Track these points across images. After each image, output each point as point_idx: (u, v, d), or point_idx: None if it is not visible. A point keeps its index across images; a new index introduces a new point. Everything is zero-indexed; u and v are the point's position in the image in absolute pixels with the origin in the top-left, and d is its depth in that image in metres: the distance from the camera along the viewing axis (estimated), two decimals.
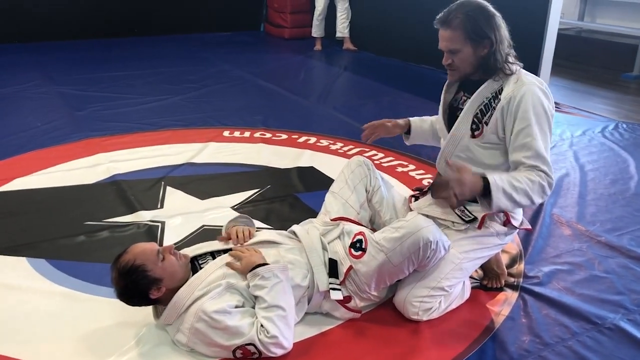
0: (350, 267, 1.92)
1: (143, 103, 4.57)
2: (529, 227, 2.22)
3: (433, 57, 2.12)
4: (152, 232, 2.57)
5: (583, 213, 2.86)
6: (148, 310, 1.92)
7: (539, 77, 4.97)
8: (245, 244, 1.98)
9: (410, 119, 2.34)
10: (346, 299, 1.94)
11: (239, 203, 2.88)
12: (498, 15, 1.94)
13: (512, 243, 2.51)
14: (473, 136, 2.00)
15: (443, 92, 2.15)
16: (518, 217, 2.08)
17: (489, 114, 1.95)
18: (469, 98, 2.01)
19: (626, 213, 2.86)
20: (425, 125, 2.33)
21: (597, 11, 6.65)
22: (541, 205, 2.90)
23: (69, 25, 7.03)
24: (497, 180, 1.81)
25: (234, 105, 4.60)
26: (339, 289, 1.92)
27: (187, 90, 4.96)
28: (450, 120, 2.08)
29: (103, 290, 2.13)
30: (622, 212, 2.87)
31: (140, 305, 1.87)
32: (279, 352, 1.76)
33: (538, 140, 1.87)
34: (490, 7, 1.94)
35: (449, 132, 2.06)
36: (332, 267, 1.94)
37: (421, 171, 3.30)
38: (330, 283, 1.91)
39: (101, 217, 2.71)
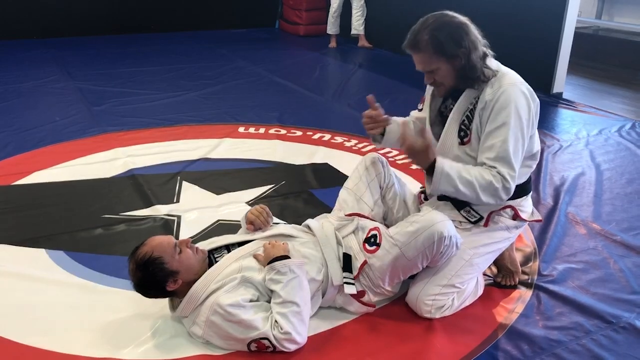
0: (365, 262, 1.93)
1: (160, 99, 4.61)
2: (540, 218, 2.19)
3: None
4: (168, 226, 2.60)
5: (599, 212, 2.84)
6: (164, 302, 1.95)
7: (556, 75, 4.88)
8: (260, 236, 2.00)
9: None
10: (360, 294, 1.96)
11: (254, 198, 2.91)
12: (464, 23, 1.87)
13: (527, 241, 2.51)
14: (462, 143, 1.96)
15: (428, 101, 2.11)
16: (527, 210, 2.08)
17: (473, 120, 1.92)
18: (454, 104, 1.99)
19: None
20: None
21: (615, 10, 6.58)
22: (556, 203, 2.89)
23: (87, 22, 7.11)
24: (446, 166, 1.85)
25: (249, 101, 4.63)
26: (353, 283, 1.93)
27: (203, 87, 4.99)
28: (441, 127, 2.04)
29: (120, 282, 2.16)
30: (639, 212, 2.85)
31: (156, 297, 1.90)
32: (293, 347, 1.78)
33: (505, 142, 1.82)
34: (456, 16, 1.88)
35: (438, 140, 2.03)
36: (346, 262, 1.95)
37: None
38: (344, 277, 1.93)
39: (118, 211, 2.75)
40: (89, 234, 2.54)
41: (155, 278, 1.81)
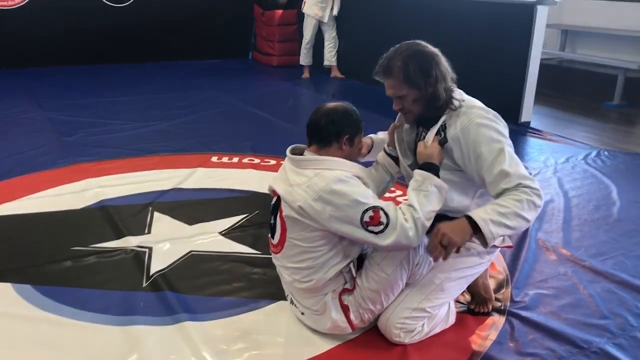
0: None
1: (132, 129, 4.58)
2: (510, 244, 2.22)
3: None
4: (139, 258, 2.56)
5: (568, 238, 2.89)
6: (134, 339, 1.91)
7: (523, 104, 5.02)
8: None
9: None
10: (345, 307, 1.95)
11: (227, 228, 2.89)
12: (436, 54, 1.92)
13: (499, 267, 2.54)
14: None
15: (399, 137, 2.12)
16: None
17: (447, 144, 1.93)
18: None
19: (609, 238, 2.90)
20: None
21: (578, 42, 6.82)
22: (527, 230, 2.94)
23: (57, 52, 7.07)
24: (482, 214, 1.80)
25: (222, 131, 4.63)
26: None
27: (176, 117, 4.98)
28: (413, 158, 2.05)
29: (89, 316, 2.12)
30: (606, 238, 2.91)
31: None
32: (411, 234, 1.77)
33: (507, 162, 1.83)
34: (428, 47, 1.93)
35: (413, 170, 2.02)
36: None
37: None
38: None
39: (88, 243, 2.69)
40: (57, 267, 2.49)
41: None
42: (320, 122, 1.93)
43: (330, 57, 7.00)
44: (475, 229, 1.78)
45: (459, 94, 1.96)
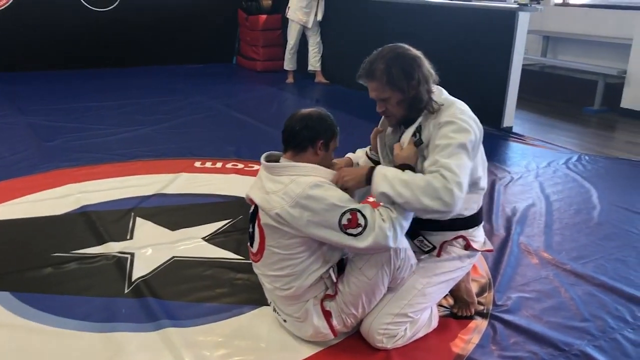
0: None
1: (114, 134, 4.54)
2: (491, 248, 2.23)
3: None
4: (121, 264, 2.54)
5: (549, 242, 2.92)
6: (115, 346, 1.89)
7: (505, 110, 5.04)
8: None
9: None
10: (327, 314, 1.95)
11: (211, 234, 2.87)
12: (419, 56, 1.93)
13: (482, 271, 2.56)
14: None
15: (382, 141, 2.12)
16: (479, 240, 2.13)
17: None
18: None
19: (590, 242, 2.94)
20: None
21: (559, 48, 6.91)
22: (509, 234, 2.96)
23: (38, 56, 6.98)
24: (384, 169, 1.85)
25: (206, 136, 4.62)
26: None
27: (159, 121, 4.95)
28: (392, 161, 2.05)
29: (70, 323, 2.10)
30: (586, 241, 2.95)
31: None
32: (390, 234, 1.78)
33: (450, 157, 1.80)
34: (411, 50, 1.94)
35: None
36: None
37: None
38: None
39: (69, 249, 2.66)
40: (37, 274, 2.45)
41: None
42: (295, 128, 1.94)
43: (314, 62, 7.02)
44: (370, 177, 1.86)
45: (438, 94, 1.96)
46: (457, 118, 1.88)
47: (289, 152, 1.97)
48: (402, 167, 1.87)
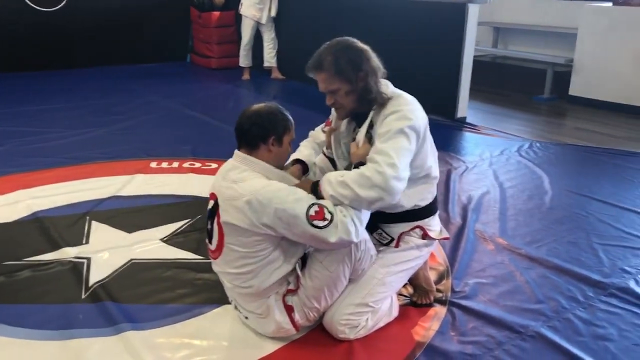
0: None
1: (66, 137, 4.42)
2: (447, 236, 2.28)
3: None
4: (77, 269, 2.48)
5: (504, 228, 3.00)
6: (74, 353, 1.86)
7: (459, 101, 5.13)
8: None
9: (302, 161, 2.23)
10: (289, 308, 1.95)
11: (169, 234, 2.84)
12: (367, 49, 1.96)
13: (440, 259, 2.61)
14: None
15: (336, 139, 2.13)
16: (435, 228, 2.17)
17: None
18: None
19: (542, 226, 3.03)
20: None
21: (509, 39, 7.07)
22: (465, 222, 3.03)
23: None
24: (327, 175, 1.88)
25: (161, 136, 4.54)
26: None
27: (112, 123, 4.85)
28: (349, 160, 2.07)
29: (25, 332, 2.04)
30: (539, 225, 3.04)
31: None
32: (349, 230, 1.79)
33: (387, 142, 1.82)
34: (358, 43, 1.97)
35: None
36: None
37: None
38: None
39: (22, 256, 2.59)
40: None
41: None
42: (244, 127, 1.93)
43: (270, 58, 6.99)
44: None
45: (386, 87, 1.99)
46: (400, 108, 1.90)
47: (242, 149, 1.97)
48: (360, 165, 1.88)
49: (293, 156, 2.21)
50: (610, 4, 5.62)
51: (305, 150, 2.25)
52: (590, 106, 5.68)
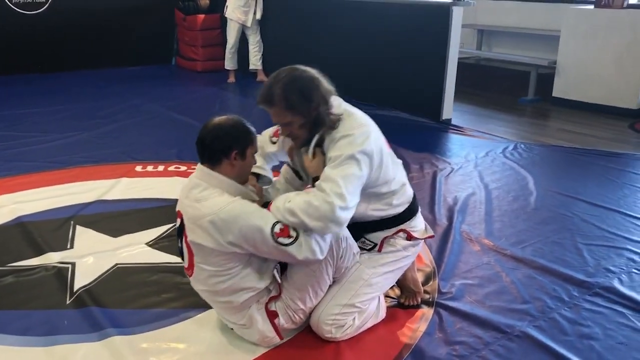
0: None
1: (49, 141, 4.38)
2: (432, 234, 2.26)
3: (345, 88, 2.15)
4: (61, 275, 2.45)
5: (490, 229, 3.02)
6: (58, 357, 1.83)
7: (444, 103, 5.12)
8: None
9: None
10: (272, 314, 1.94)
11: (154, 238, 2.82)
12: (315, 77, 1.90)
13: (426, 260, 2.61)
14: None
15: (297, 154, 2.08)
16: (419, 228, 2.17)
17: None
18: None
19: (528, 227, 3.05)
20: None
21: (493, 41, 7.13)
22: (451, 223, 3.04)
23: None
24: (277, 202, 1.84)
25: (146, 139, 4.51)
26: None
27: (96, 126, 4.81)
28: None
29: (9, 339, 2.02)
30: (524, 226, 3.06)
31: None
32: (313, 248, 1.79)
33: (335, 168, 1.81)
34: (307, 71, 1.91)
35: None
36: None
37: None
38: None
39: (5, 262, 2.55)
40: None
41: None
42: (206, 140, 1.88)
43: (255, 61, 6.97)
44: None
45: (337, 105, 1.95)
46: (352, 131, 1.87)
47: (205, 163, 1.90)
48: (315, 179, 1.87)
49: None
50: (592, 7, 5.69)
51: (258, 160, 2.15)
52: (574, 107, 5.74)
